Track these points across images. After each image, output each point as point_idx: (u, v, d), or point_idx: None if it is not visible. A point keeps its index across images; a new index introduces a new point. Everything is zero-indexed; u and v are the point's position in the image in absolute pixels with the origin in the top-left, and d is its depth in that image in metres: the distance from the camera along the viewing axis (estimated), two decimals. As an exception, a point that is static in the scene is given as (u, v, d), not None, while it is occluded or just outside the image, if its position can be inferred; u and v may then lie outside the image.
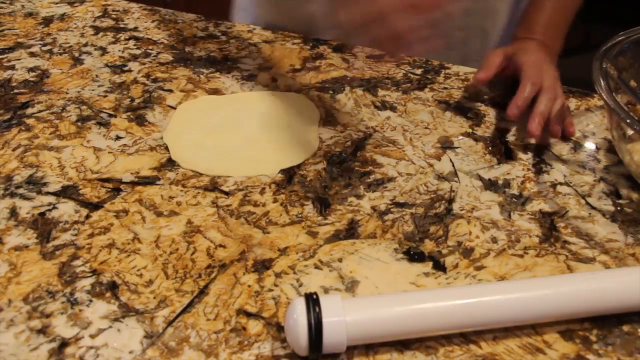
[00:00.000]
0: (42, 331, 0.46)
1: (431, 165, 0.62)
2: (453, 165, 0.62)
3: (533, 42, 0.76)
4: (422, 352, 0.44)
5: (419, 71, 0.78)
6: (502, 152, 0.64)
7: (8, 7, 0.96)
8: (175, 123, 0.69)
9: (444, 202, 0.58)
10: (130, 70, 0.79)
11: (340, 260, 0.52)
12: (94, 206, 0.57)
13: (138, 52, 0.83)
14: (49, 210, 0.57)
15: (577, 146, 0.65)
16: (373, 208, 0.57)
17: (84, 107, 0.72)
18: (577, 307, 0.45)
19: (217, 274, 0.50)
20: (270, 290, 0.49)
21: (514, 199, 0.58)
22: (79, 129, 0.68)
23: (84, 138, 0.66)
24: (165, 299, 0.48)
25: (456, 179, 0.61)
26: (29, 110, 0.71)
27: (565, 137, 0.66)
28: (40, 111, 0.71)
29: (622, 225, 0.55)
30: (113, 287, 0.49)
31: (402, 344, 0.45)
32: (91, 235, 0.54)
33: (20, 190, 0.59)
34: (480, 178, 0.61)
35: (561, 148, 0.65)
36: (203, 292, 0.49)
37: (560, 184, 0.60)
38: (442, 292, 0.46)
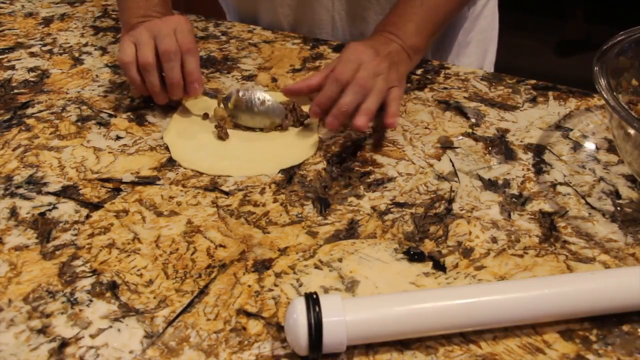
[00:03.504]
0: (42, 331, 0.46)
1: (431, 165, 0.62)
2: (453, 165, 0.62)
3: (380, 35, 0.71)
4: (422, 352, 0.44)
5: (419, 71, 0.78)
6: (502, 152, 0.64)
7: (8, 7, 0.96)
8: (175, 123, 0.69)
9: (444, 202, 0.58)
10: (130, 70, 0.79)
11: (340, 260, 0.52)
12: (94, 206, 0.57)
13: (138, 52, 0.83)
14: (49, 210, 0.57)
15: (577, 146, 0.65)
16: (373, 208, 0.57)
17: (84, 107, 0.72)
18: (577, 307, 0.45)
19: (217, 274, 0.50)
20: (270, 290, 0.49)
21: (514, 199, 0.58)
22: (79, 129, 0.68)
23: (84, 138, 0.66)
24: (165, 298, 0.48)
25: (456, 179, 0.61)
26: (29, 110, 0.71)
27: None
28: (40, 111, 0.71)
29: (622, 225, 0.55)
30: (113, 287, 0.49)
31: (402, 344, 0.45)
32: (91, 235, 0.54)
33: (21, 190, 0.59)
34: (480, 178, 0.61)
35: (561, 148, 0.65)
36: (203, 292, 0.49)
37: (560, 184, 0.60)
38: (442, 292, 0.46)
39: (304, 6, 0.86)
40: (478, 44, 0.92)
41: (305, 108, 0.68)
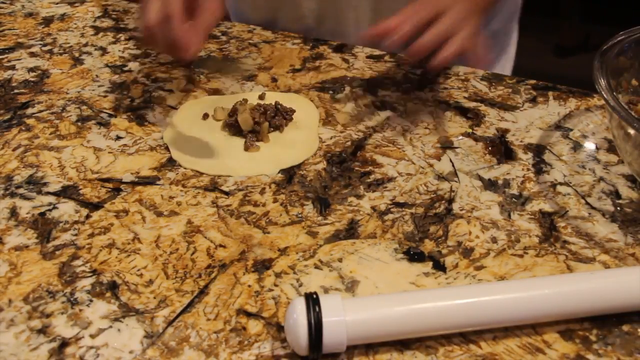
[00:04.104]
0: (42, 331, 0.46)
1: (431, 165, 0.62)
2: (453, 165, 0.62)
3: None
4: (422, 352, 0.44)
5: (418, 71, 0.78)
6: (502, 152, 0.64)
7: (8, 7, 0.96)
8: (175, 123, 0.69)
9: (444, 202, 0.58)
10: (130, 71, 0.79)
11: (340, 260, 0.52)
12: (94, 206, 0.57)
13: (138, 52, 0.83)
14: (49, 210, 0.57)
15: (577, 146, 0.65)
16: (373, 208, 0.57)
17: (84, 107, 0.72)
18: (577, 307, 0.45)
19: (217, 274, 0.50)
20: (270, 290, 0.49)
21: (513, 199, 0.58)
22: (79, 129, 0.68)
23: (84, 138, 0.66)
24: (165, 298, 0.48)
25: (456, 179, 0.61)
26: (29, 110, 0.71)
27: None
28: (40, 111, 0.71)
29: (622, 225, 0.55)
30: (113, 287, 0.49)
31: (402, 344, 0.45)
32: (91, 235, 0.54)
33: (21, 190, 0.59)
34: (480, 178, 0.61)
35: (561, 148, 0.65)
36: (203, 292, 0.49)
37: (560, 184, 0.60)
38: (442, 292, 0.46)
39: (330, 1, 0.86)
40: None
41: (291, 105, 0.69)
